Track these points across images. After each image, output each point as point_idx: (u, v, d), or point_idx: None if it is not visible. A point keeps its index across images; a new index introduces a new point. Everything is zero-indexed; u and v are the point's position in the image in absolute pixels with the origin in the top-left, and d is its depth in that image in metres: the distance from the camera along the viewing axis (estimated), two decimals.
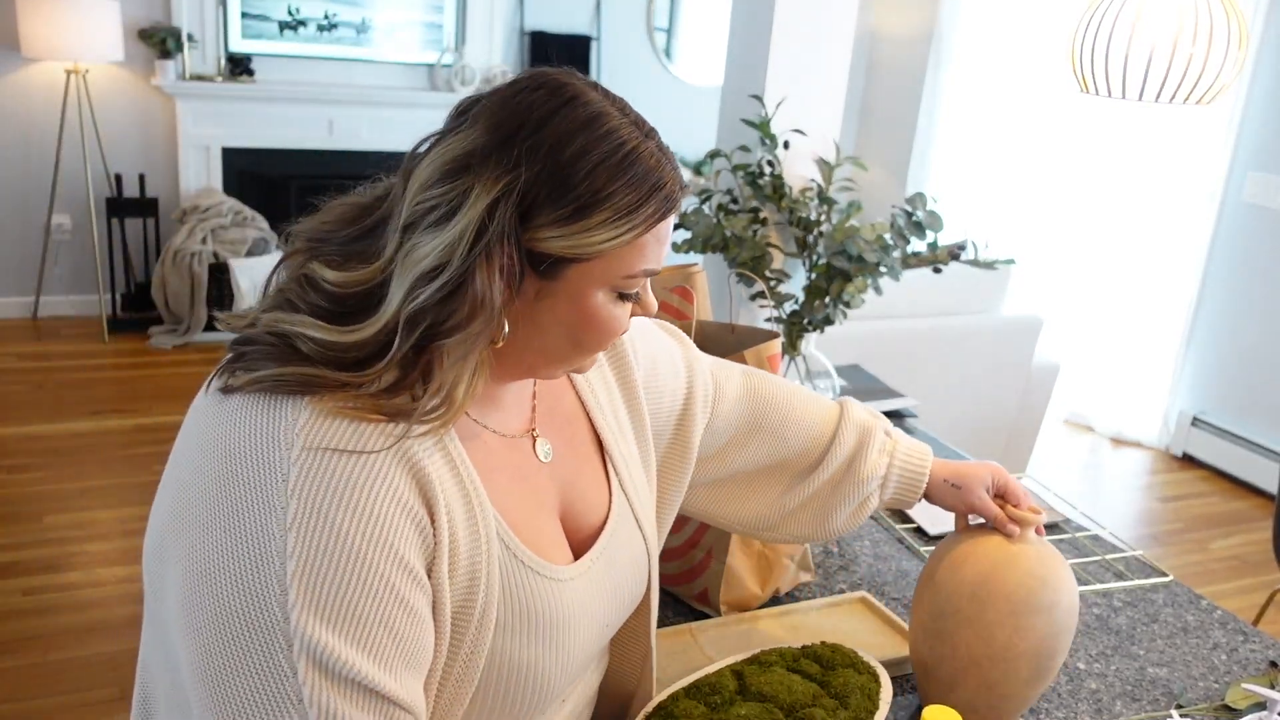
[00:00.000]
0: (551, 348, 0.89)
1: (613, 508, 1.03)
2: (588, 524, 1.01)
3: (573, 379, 1.06)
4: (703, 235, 1.76)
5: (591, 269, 0.85)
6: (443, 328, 0.80)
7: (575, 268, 0.84)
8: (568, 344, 0.89)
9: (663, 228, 0.87)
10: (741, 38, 2.03)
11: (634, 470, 1.07)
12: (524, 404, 0.99)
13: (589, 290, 0.86)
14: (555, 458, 0.99)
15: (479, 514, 0.86)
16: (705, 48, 5.75)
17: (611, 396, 1.08)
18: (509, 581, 0.89)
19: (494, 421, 0.94)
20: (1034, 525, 1.10)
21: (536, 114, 0.83)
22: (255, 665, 0.75)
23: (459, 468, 0.86)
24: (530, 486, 0.95)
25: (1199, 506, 3.92)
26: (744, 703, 1.05)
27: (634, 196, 0.83)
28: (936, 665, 1.12)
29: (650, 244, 0.86)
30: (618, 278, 0.86)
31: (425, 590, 0.82)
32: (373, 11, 5.02)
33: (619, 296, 0.88)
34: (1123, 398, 4.47)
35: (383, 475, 0.79)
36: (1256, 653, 1.35)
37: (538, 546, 0.92)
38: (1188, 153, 4.18)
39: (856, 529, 1.58)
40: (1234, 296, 4.17)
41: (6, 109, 4.52)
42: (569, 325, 0.88)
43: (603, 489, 1.03)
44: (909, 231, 1.74)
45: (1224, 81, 1.92)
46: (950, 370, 3.19)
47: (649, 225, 0.85)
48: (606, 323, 0.88)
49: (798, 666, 1.12)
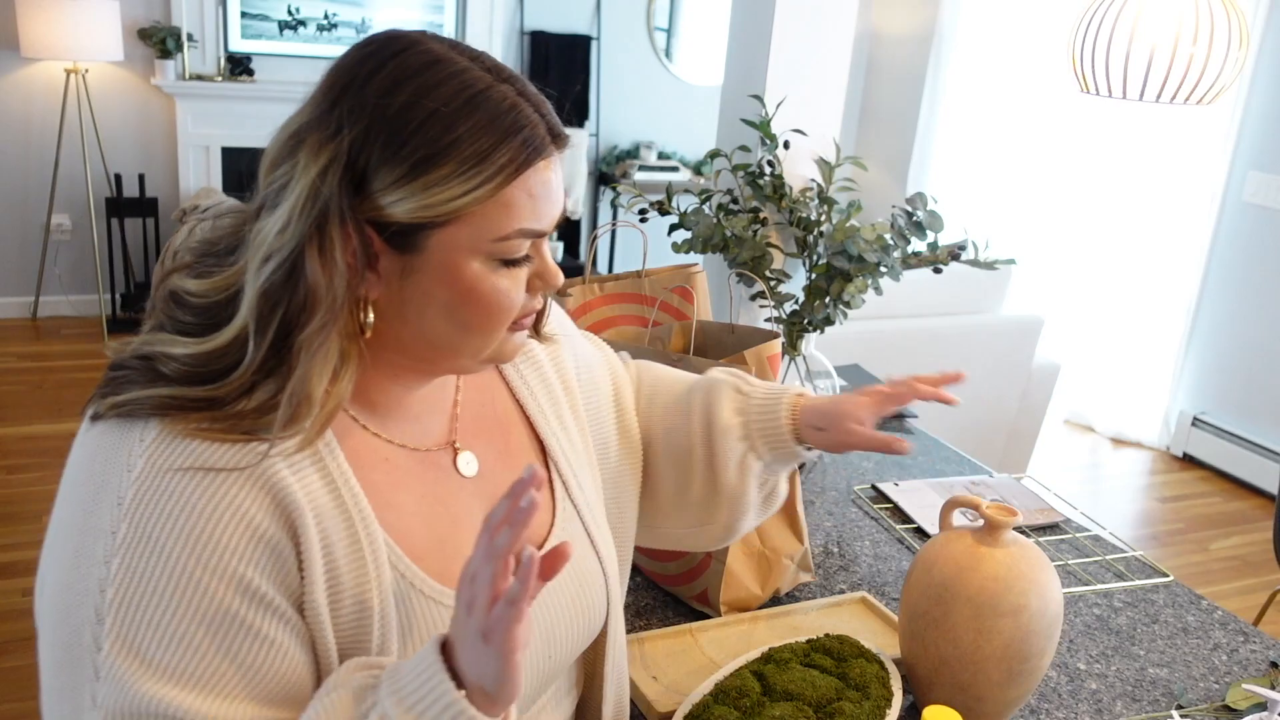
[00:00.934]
0: (437, 334, 0.78)
1: (556, 520, 0.93)
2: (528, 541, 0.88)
3: (507, 378, 0.96)
4: (703, 235, 1.76)
5: (455, 235, 0.74)
6: (294, 322, 0.72)
7: (435, 235, 0.74)
8: (453, 327, 0.78)
9: (535, 180, 0.76)
10: (741, 38, 2.03)
11: (583, 478, 0.97)
12: (441, 412, 0.89)
13: (460, 260, 0.75)
14: (484, 471, 0.89)
15: (365, 540, 0.77)
16: (705, 48, 5.75)
17: (553, 397, 0.98)
18: (409, 614, 0.80)
19: (402, 434, 0.85)
20: (1006, 527, 1.10)
21: (364, 70, 0.74)
22: (71, 697, 0.71)
23: (341, 489, 0.77)
24: (446, 506, 0.86)
25: (1199, 507, 3.92)
26: (773, 704, 1.06)
27: (484, 143, 0.73)
28: (914, 665, 1.14)
29: (520, 199, 0.75)
30: (488, 241, 0.75)
31: (286, 619, 0.74)
32: (373, 11, 5.02)
33: (502, 264, 0.77)
34: (1123, 398, 4.46)
35: (227, 496, 0.72)
36: (1257, 653, 1.34)
37: (447, 573, 0.82)
38: (1188, 153, 4.18)
39: (852, 530, 1.58)
40: (1234, 296, 4.17)
41: (6, 109, 4.52)
42: (447, 305, 0.77)
43: (546, 502, 0.93)
44: (909, 231, 1.74)
45: (1224, 81, 1.92)
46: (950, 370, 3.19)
47: (508, 175, 0.74)
48: (490, 296, 0.77)
49: (812, 661, 1.14)
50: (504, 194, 0.74)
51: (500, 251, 0.76)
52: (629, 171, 5.55)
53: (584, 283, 1.48)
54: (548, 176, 0.77)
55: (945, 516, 1.18)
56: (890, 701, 1.09)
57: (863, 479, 1.75)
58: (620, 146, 5.77)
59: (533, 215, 0.76)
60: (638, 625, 1.29)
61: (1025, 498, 1.71)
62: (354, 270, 0.74)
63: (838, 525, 1.59)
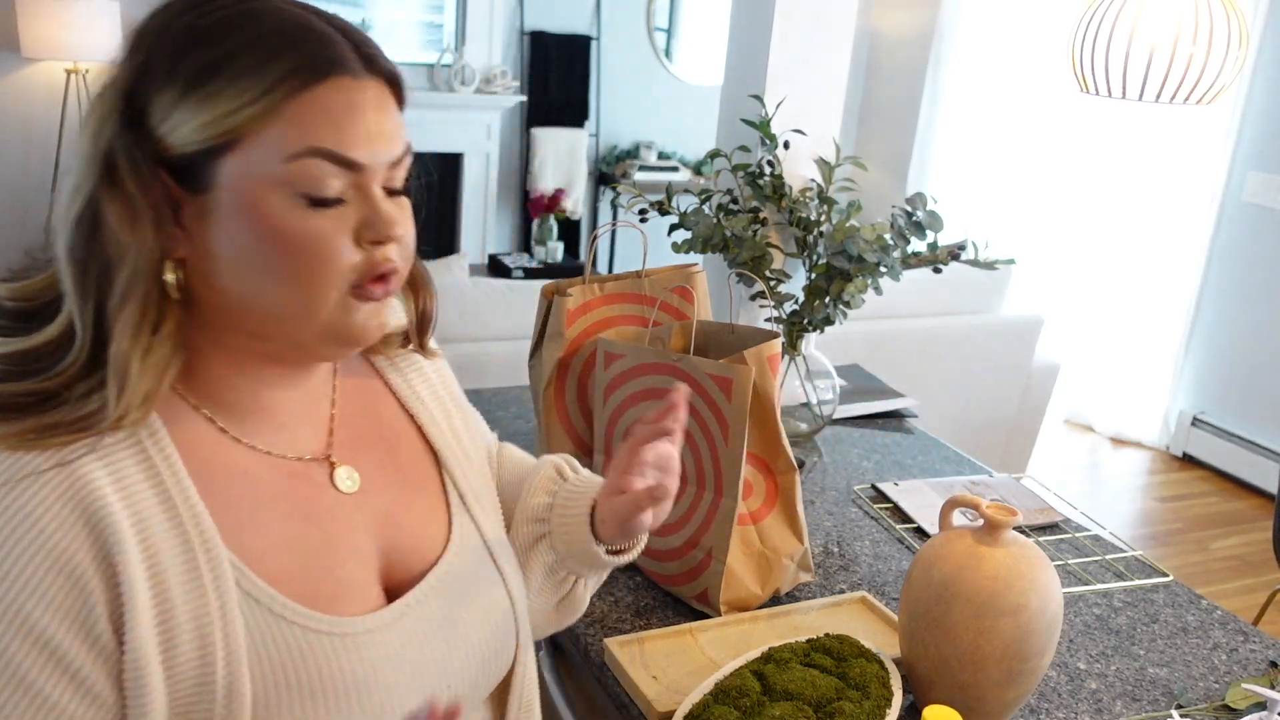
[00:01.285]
0: (252, 293, 0.70)
1: (452, 539, 0.85)
2: (421, 563, 0.83)
3: (394, 388, 0.89)
4: (703, 235, 1.76)
5: (244, 161, 0.67)
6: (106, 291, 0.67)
7: (224, 165, 0.67)
8: (265, 280, 0.69)
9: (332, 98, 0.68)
10: (741, 38, 2.03)
11: (483, 494, 0.91)
12: (313, 421, 0.82)
13: (255, 191, 0.68)
14: (366, 486, 0.82)
15: (203, 560, 0.69)
16: (705, 48, 5.75)
17: (444, 410, 0.92)
18: (264, 643, 0.71)
19: (268, 443, 0.77)
20: (1006, 526, 1.10)
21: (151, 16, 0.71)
22: None
23: (176, 500, 0.69)
24: (320, 525, 0.78)
25: (1199, 506, 3.92)
26: (773, 703, 1.06)
27: (263, 52, 0.67)
28: (914, 665, 1.14)
29: (312, 116, 0.68)
30: (278, 163, 0.67)
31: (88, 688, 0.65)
32: (373, 11, 5.01)
33: (310, 203, 0.68)
34: (1123, 398, 4.46)
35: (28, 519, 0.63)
36: (1257, 653, 1.35)
37: (314, 595, 0.74)
38: (1188, 153, 4.18)
39: (852, 530, 1.58)
40: (1234, 296, 4.17)
41: (6, 109, 4.52)
42: (252, 252, 0.68)
43: (442, 519, 0.87)
44: (909, 231, 1.74)
45: (1224, 81, 1.92)
46: (950, 370, 3.19)
47: (292, 86, 0.67)
48: (298, 239, 0.68)
49: (812, 661, 1.15)
50: (289, 108, 0.67)
51: (298, 180, 0.68)
52: (629, 171, 5.55)
53: (584, 283, 1.48)
54: (355, 99, 0.70)
55: (945, 516, 1.18)
56: (890, 701, 1.09)
57: (863, 479, 1.75)
58: (620, 146, 5.77)
59: (332, 137, 0.68)
60: (638, 625, 1.29)
61: (1025, 497, 1.71)
62: (158, 224, 0.68)
63: (838, 525, 1.59)
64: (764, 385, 1.29)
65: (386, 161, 0.72)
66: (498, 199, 5.55)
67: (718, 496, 1.30)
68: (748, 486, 1.34)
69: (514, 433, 1.79)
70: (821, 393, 1.86)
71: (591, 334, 1.47)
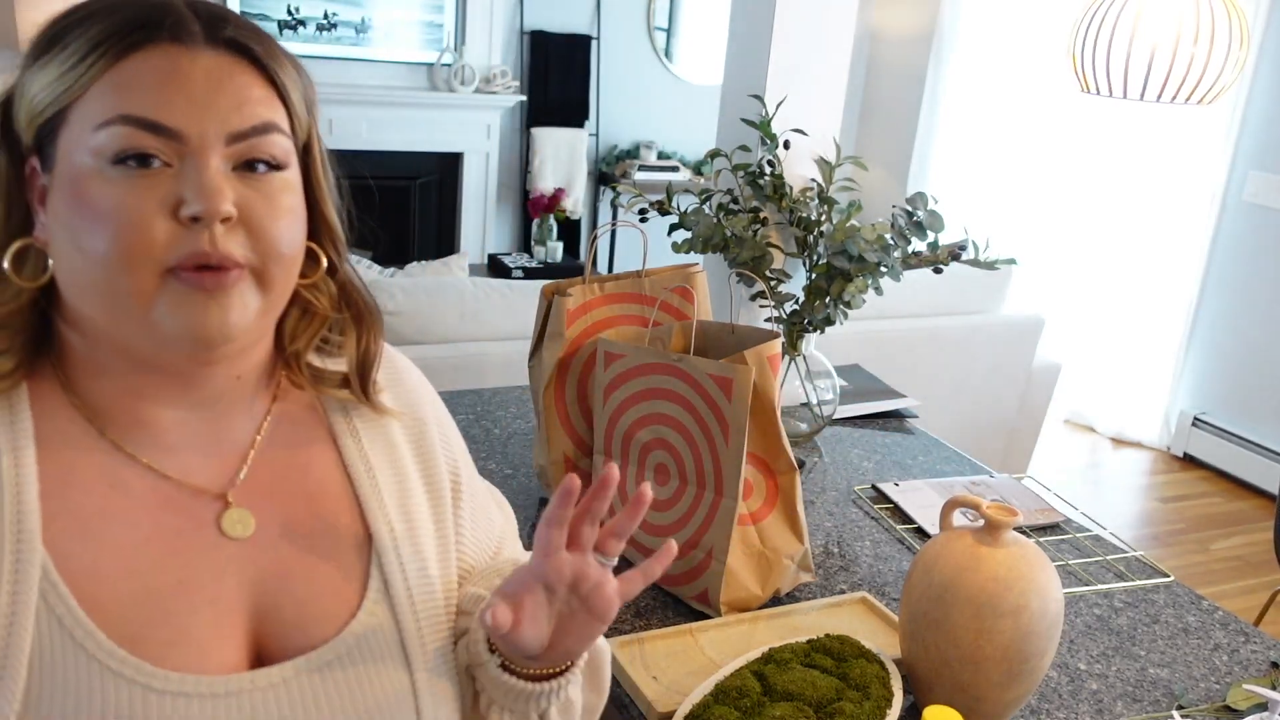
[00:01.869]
0: (77, 273, 0.67)
1: (352, 625, 0.74)
2: (303, 639, 0.72)
3: (337, 440, 0.78)
4: (703, 235, 1.76)
5: (70, 133, 0.66)
6: None
7: (60, 141, 0.67)
8: (76, 252, 0.66)
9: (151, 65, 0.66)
10: (741, 38, 2.03)
11: (423, 588, 0.78)
12: (216, 452, 0.74)
13: (72, 161, 0.66)
14: (260, 538, 0.73)
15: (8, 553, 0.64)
16: (705, 48, 5.75)
17: (402, 480, 0.80)
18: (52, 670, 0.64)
19: (155, 460, 0.71)
20: (1006, 527, 1.09)
21: None
22: None
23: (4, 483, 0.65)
24: (181, 562, 0.70)
25: (1200, 507, 3.91)
26: (773, 704, 1.06)
27: (88, 23, 0.67)
28: (914, 665, 1.14)
29: (127, 82, 0.65)
30: (90, 130, 0.65)
31: None
32: (372, 11, 5.02)
33: (113, 164, 0.65)
34: (1123, 398, 4.46)
35: None
36: (1258, 653, 1.34)
37: (139, 636, 0.66)
38: (1188, 153, 4.18)
39: (852, 530, 1.57)
40: (1234, 296, 4.17)
41: None
42: (70, 227, 0.66)
43: (349, 599, 0.75)
44: (909, 231, 1.74)
45: (1225, 81, 1.91)
46: (950, 370, 3.19)
47: (107, 50, 0.66)
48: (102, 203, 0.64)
49: (812, 661, 1.15)
50: (106, 76, 0.66)
51: (107, 147, 0.65)
52: (629, 171, 5.55)
53: (584, 283, 1.48)
54: (179, 66, 0.66)
55: (945, 516, 1.18)
56: (890, 701, 1.09)
57: (863, 479, 1.75)
58: (620, 146, 5.77)
59: (144, 103, 0.65)
60: (638, 625, 1.29)
61: (1025, 498, 1.71)
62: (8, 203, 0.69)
63: (838, 525, 1.59)
64: (764, 385, 1.29)
65: (223, 131, 0.66)
66: (498, 199, 5.55)
67: (718, 497, 1.30)
68: (748, 486, 1.34)
69: (514, 432, 1.79)
70: (821, 393, 1.86)
71: (591, 334, 1.47)
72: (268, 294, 0.69)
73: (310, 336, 0.78)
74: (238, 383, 0.74)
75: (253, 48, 0.70)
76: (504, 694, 0.77)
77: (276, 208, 0.69)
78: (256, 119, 0.68)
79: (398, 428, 0.82)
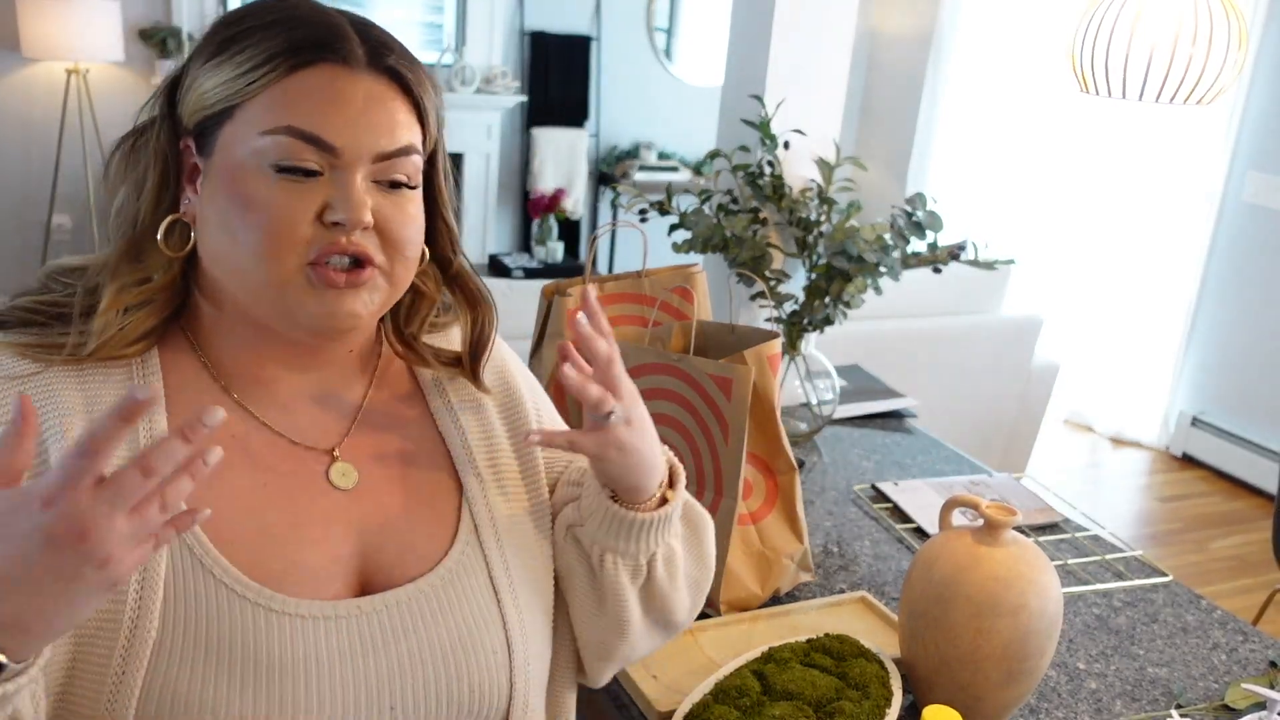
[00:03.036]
0: (220, 250, 0.75)
1: (446, 562, 0.82)
2: (403, 576, 0.80)
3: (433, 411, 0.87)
4: (703, 235, 1.76)
5: (235, 129, 0.74)
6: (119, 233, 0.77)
7: (222, 132, 0.74)
8: (227, 238, 0.74)
9: (320, 82, 0.73)
10: (741, 38, 2.03)
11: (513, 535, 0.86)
12: (327, 413, 0.83)
13: (235, 155, 0.73)
14: (363, 488, 0.81)
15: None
16: (705, 48, 5.75)
17: (491, 451, 0.88)
18: (184, 592, 0.72)
19: (272, 418, 0.80)
20: (1006, 526, 1.10)
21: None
22: None
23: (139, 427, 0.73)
24: (294, 507, 0.78)
25: (1199, 506, 3.92)
26: (773, 703, 1.07)
27: (269, 32, 0.74)
28: (914, 665, 1.14)
29: (296, 96, 0.72)
30: (255, 134, 0.72)
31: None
32: (372, 11, 5.01)
33: (277, 171, 0.72)
34: (1123, 398, 4.46)
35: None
36: (1256, 652, 1.35)
37: (255, 564, 0.74)
38: (1188, 153, 4.18)
39: (852, 530, 1.58)
40: (1234, 296, 4.17)
41: (7, 109, 4.52)
42: (224, 212, 0.74)
43: (443, 542, 0.83)
44: (909, 231, 1.74)
45: (1224, 82, 1.92)
46: (950, 370, 3.19)
47: (283, 63, 0.72)
48: (255, 200, 0.72)
49: (811, 660, 1.15)
50: (278, 86, 0.73)
51: (270, 151, 0.72)
52: (629, 172, 5.55)
53: (584, 283, 1.48)
54: (343, 87, 0.74)
55: (945, 516, 1.18)
56: (890, 701, 1.09)
57: (863, 479, 1.75)
58: (620, 147, 5.77)
59: (309, 118, 0.72)
60: None
61: (1025, 497, 1.71)
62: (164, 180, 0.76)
63: (838, 525, 1.59)
64: (764, 385, 1.29)
65: (373, 151, 0.75)
66: (498, 199, 5.55)
67: (717, 496, 1.30)
68: (747, 486, 1.34)
69: None
70: (821, 393, 1.86)
71: None
72: (391, 288, 0.79)
73: (422, 320, 0.88)
74: (350, 355, 0.85)
75: (406, 75, 0.78)
76: (615, 531, 0.85)
77: (406, 217, 0.77)
78: (401, 142, 0.76)
79: (488, 401, 0.91)
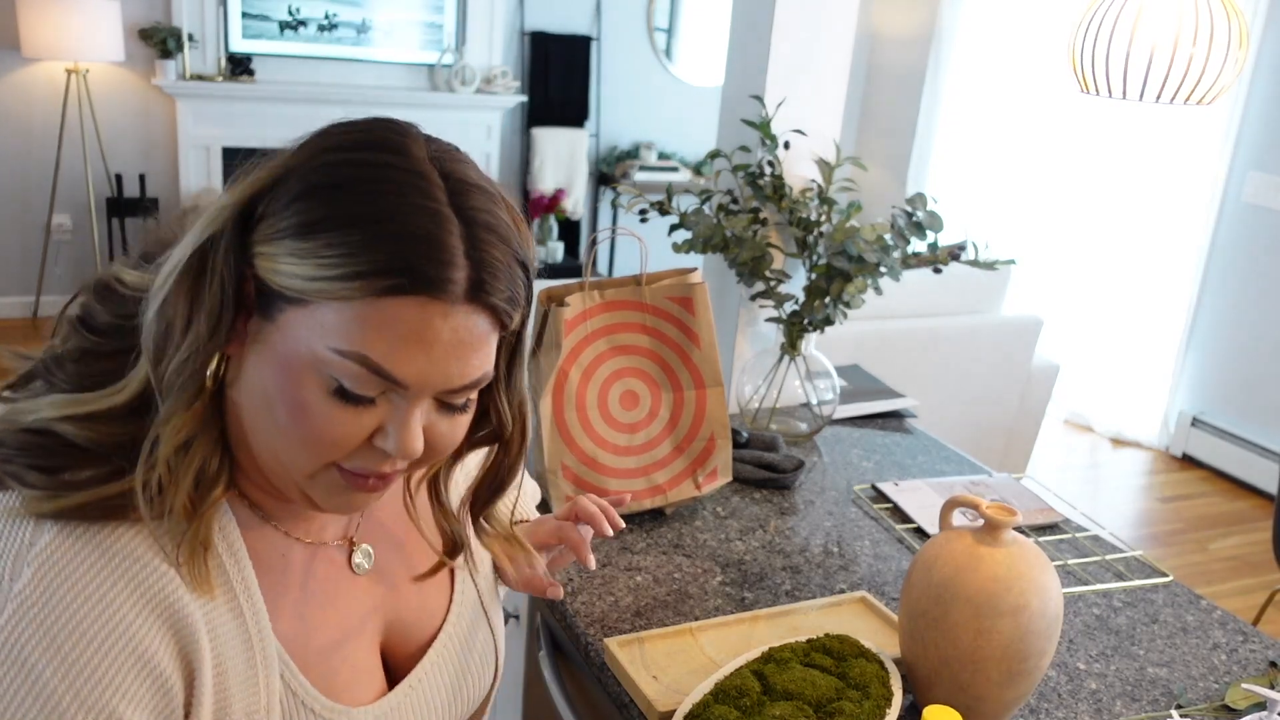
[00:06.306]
0: (256, 421, 0.70)
1: (453, 605, 0.89)
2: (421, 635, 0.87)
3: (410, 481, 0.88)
4: (703, 235, 1.76)
5: (303, 320, 0.65)
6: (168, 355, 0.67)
7: (290, 311, 0.66)
8: (268, 419, 0.68)
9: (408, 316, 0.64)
10: (741, 38, 2.03)
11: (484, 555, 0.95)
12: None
13: (297, 353, 0.66)
14: (378, 566, 0.84)
15: (259, 653, 0.72)
16: (705, 48, 5.75)
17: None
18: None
19: (299, 529, 0.79)
20: (1006, 526, 1.10)
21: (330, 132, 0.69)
22: None
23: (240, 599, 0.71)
24: (335, 608, 0.80)
25: (1199, 507, 3.92)
26: (773, 703, 1.07)
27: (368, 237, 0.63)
28: (914, 665, 1.14)
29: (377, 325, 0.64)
30: (325, 347, 0.65)
31: None
32: (373, 12, 5.02)
33: (337, 392, 0.66)
34: (1122, 398, 4.47)
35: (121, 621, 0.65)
36: (1256, 653, 1.35)
37: (331, 684, 0.77)
38: (1187, 153, 4.18)
39: (852, 530, 1.58)
40: (1234, 296, 4.17)
41: (7, 109, 4.52)
42: (269, 395, 0.67)
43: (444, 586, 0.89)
44: (909, 232, 1.74)
45: (1224, 82, 1.92)
46: (950, 370, 3.19)
47: (373, 284, 0.63)
48: (313, 413, 0.66)
49: (811, 660, 1.15)
50: (362, 306, 0.64)
51: (336, 369, 0.65)
52: (629, 172, 5.55)
53: (583, 289, 1.48)
54: (432, 327, 0.65)
55: (945, 516, 1.18)
56: (890, 701, 1.09)
57: (863, 479, 1.75)
58: (620, 147, 5.77)
59: (387, 353, 0.64)
60: (638, 625, 1.29)
61: (1025, 498, 1.71)
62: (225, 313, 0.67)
63: (838, 525, 1.59)
64: None
65: (443, 388, 0.68)
66: None
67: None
68: None
69: None
70: (821, 393, 1.86)
71: (591, 341, 1.48)
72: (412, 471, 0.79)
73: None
74: None
75: (503, 312, 0.69)
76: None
77: (456, 434, 0.73)
78: (475, 375, 0.69)
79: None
